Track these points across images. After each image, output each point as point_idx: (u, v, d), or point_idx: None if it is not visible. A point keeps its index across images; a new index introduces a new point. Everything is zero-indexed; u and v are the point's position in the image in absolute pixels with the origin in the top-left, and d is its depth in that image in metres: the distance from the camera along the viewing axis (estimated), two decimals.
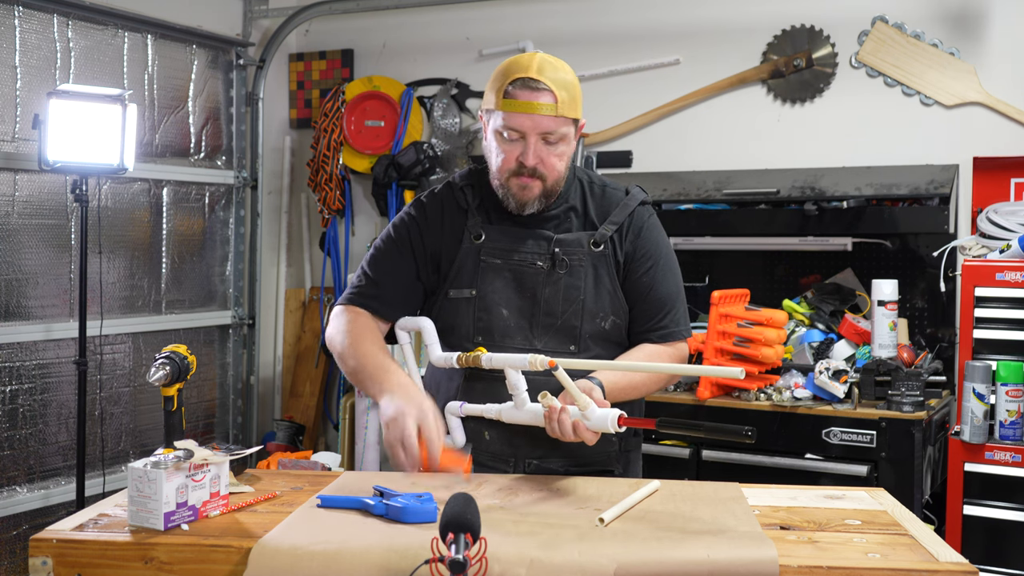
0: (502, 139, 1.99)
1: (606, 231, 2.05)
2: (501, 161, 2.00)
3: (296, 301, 4.94)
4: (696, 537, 1.53)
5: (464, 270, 2.05)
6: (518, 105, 1.94)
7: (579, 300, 2.02)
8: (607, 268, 2.05)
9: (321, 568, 1.47)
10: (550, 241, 2.04)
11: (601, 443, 2.03)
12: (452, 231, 2.08)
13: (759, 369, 3.27)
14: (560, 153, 2.00)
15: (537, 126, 1.95)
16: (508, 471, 2.02)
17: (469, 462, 1.84)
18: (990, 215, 3.35)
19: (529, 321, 2.01)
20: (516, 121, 1.95)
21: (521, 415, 1.88)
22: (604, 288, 2.04)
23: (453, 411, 1.98)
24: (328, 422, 4.83)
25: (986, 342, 3.08)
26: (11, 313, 3.60)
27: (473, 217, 2.07)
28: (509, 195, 2.02)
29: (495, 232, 2.06)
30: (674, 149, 4.13)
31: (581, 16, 4.31)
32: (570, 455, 2.02)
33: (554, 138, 1.97)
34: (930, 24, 3.71)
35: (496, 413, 1.92)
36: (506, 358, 1.86)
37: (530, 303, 2.03)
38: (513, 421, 1.90)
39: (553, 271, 2.03)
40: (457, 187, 2.12)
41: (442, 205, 2.11)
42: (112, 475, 3.85)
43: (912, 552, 1.50)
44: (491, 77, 2.03)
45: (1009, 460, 2.97)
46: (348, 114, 4.57)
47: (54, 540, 1.57)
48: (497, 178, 2.04)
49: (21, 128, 3.61)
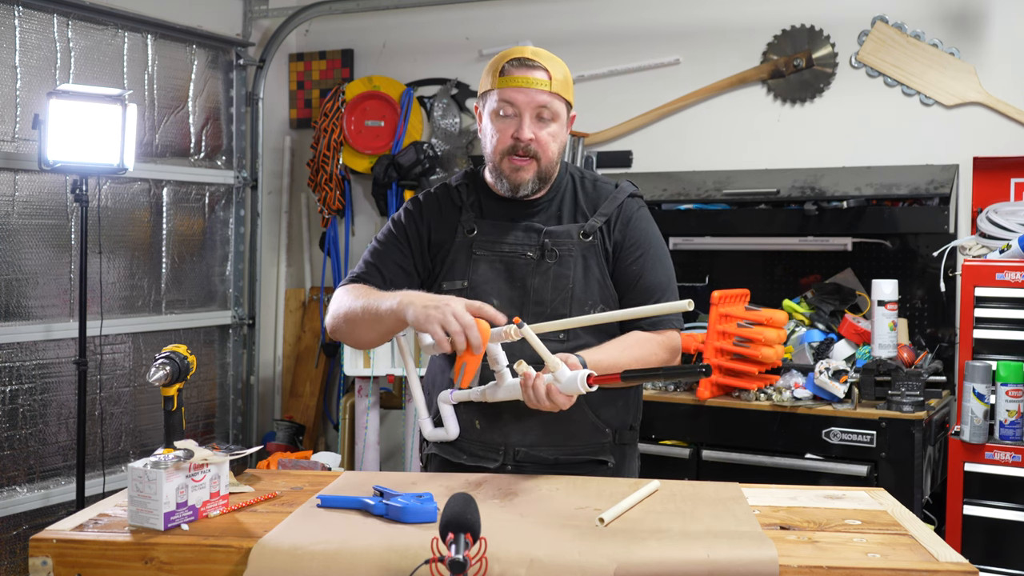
0: (497, 117, 2.05)
1: (595, 222, 2.09)
2: (496, 140, 2.05)
3: (296, 301, 4.94)
4: (696, 537, 1.53)
5: (457, 263, 2.09)
6: (513, 80, 2.02)
7: (568, 289, 2.05)
8: (596, 258, 2.08)
9: (321, 568, 1.47)
10: (540, 232, 2.08)
11: (592, 433, 2.06)
12: (447, 227, 2.13)
13: (759, 369, 3.27)
14: (553, 133, 2.05)
15: (532, 100, 2.01)
16: (499, 459, 2.04)
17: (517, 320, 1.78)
18: (990, 215, 3.35)
19: (519, 310, 2.03)
20: (511, 95, 2.02)
21: (502, 391, 1.88)
22: (593, 277, 2.06)
23: (445, 400, 2.00)
24: (328, 422, 4.83)
25: (986, 342, 3.08)
26: (11, 313, 3.60)
27: (467, 212, 2.12)
28: (503, 177, 2.07)
29: (487, 225, 2.11)
30: (674, 149, 4.13)
31: (581, 16, 4.31)
32: (560, 443, 2.03)
33: (548, 114, 2.03)
34: (930, 24, 3.71)
35: (480, 393, 1.92)
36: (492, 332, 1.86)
37: (520, 292, 2.06)
38: (496, 399, 1.90)
39: (543, 261, 2.06)
40: (453, 187, 2.18)
41: (438, 202, 2.17)
42: (112, 475, 3.85)
43: (912, 552, 1.50)
44: (486, 68, 2.10)
45: (1009, 460, 2.97)
46: (348, 114, 4.57)
47: (54, 540, 1.57)
48: (491, 160, 2.08)
49: (21, 128, 3.61)
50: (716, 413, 3.30)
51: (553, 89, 2.02)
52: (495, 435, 2.04)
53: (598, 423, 2.07)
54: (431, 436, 2.05)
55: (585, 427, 2.06)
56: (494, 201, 2.13)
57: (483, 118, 2.10)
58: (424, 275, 2.14)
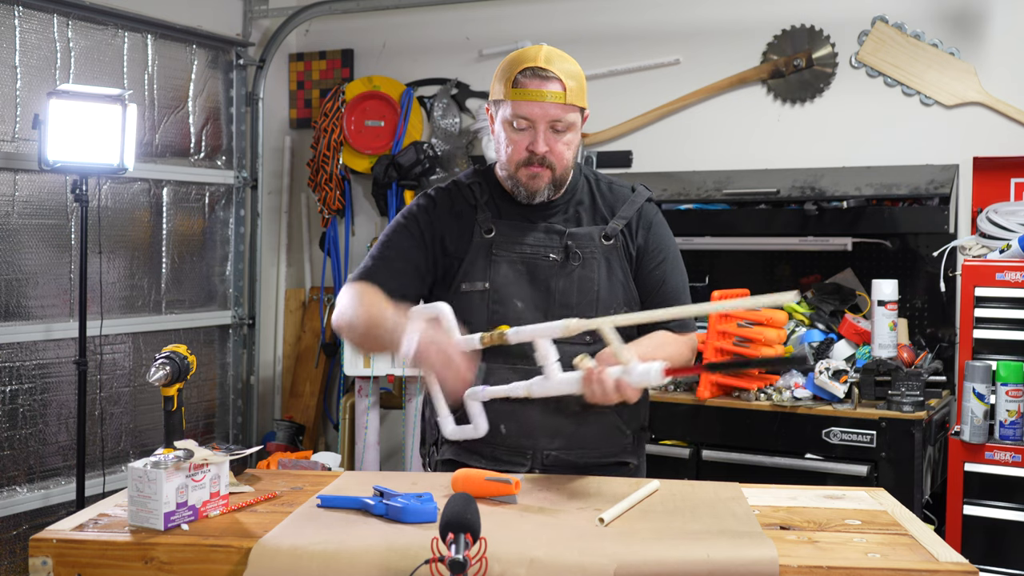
0: (511, 129, 2.01)
1: (616, 225, 2.08)
2: (511, 151, 2.03)
3: (296, 301, 4.94)
4: (696, 537, 1.53)
5: (476, 264, 2.05)
6: (528, 94, 1.98)
7: (594, 292, 2.04)
8: (619, 261, 2.08)
9: (321, 568, 1.47)
10: (562, 235, 2.06)
11: (615, 435, 2.06)
12: (461, 226, 2.08)
13: (759, 369, 3.27)
14: (568, 142, 2.03)
15: (546, 114, 1.98)
16: (527, 464, 2.01)
17: (517, 484, 1.77)
18: (990, 215, 3.35)
19: (544, 313, 2.01)
20: (526, 109, 1.98)
21: (553, 386, 1.83)
22: (617, 280, 2.06)
23: (474, 396, 1.91)
24: (328, 422, 4.83)
25: (986, 342, 3.08)
26: (11, 313, 3.60)
27: (483, 212, 2.08)
28: (519, 185, 2.05)
29: (505, 226, 2.07)
30: (674, 149, 4.12)
31: (581, 16, 4.31)
32: (587, 446, 2.02)
33: (562, 126, 2.01)
34: (930, 24, 3.71)
35: (525, 390, 1.86)
36: (536, 328, 1.84)
37: (544, 295, 2.04)
38: (545, 394, 1.85)
39: (567, 263, 2.05)
40: (464, 184, 2.13)
41: (451, 200, 2.12)
42: (112, 475, 3.85)
43: (912, 552, 1.50)
44: (498, 68, 2.05)
45: (1009, 460, 2.97)
46: (348, 114, 4.57)
47: (54, 540, 1.57)
48: (506, 169, 2.06)
49: (21, 128, 3.61)
50: (716, 413, 3.30)
51: (568, 100, 1.98)
52: (523, 440, 2.01)
53: (620, 425, 2.08)
54: (454, 435, 1.95)
55: (610, 429, 2.06)
56: (508, 201, 2.10)
57: (495, 123, 2.06)
58: (438, 274, 2.09)
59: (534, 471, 2.01)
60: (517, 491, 1.75)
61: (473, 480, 1.76)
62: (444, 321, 1.94)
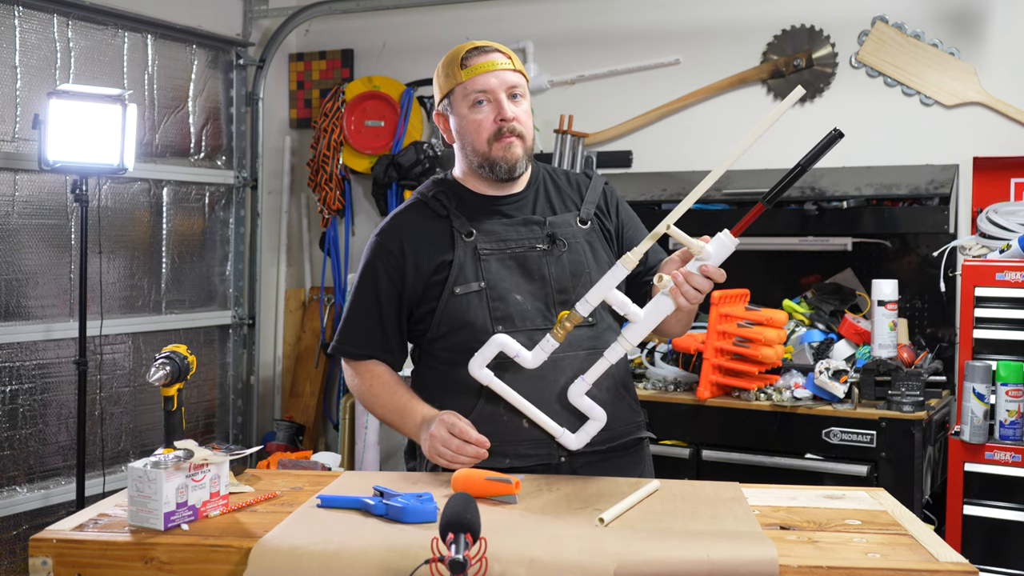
0: (474, 109, 2.05)
1: (589, 209, 2.15)
2: (479, 130, 2.06)
3: (296, 301, 4.94)
4: (696, 537, 1.53)
5: (466, 267, 2.05)
6: (480, 67, 2.04)
7: (586, 273, 2.07)
8: (600, 242, 2.13)
9: (321, 568, 1.47)
10: (542, 224, 2.10)
11: (631, 413, 2.13)
12: (437, 237, 2.08)
13: (759, 369, 3.27)
14: (526, 110, 2.09)
15: (503, 82, 2.05)
16: (554, 452, 2.01)
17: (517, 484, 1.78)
18: (990, 215, 3.34)
19: (544, 302, 2.04)
20: (482, 82, 2.04)
21: (646, 322, 1.86)
22: (602, 260, 2.10)
23: (580, 392, 1.94)
24: (328, 422, 4.83)
25: (986, 342, 3.08)
26: (11, 313, 3.60)
27: (457, 218, 2.09)
28: (495, 163, 2.06)
29: (485, 226, 2.09)
30: (674, 149, 4.12)
31: (581, 16, 4.31)
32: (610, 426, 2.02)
33: (519, 91, 2.07)
34: (930, 24, 3.71)
35: (619, 352, 1.90)
36: (599, 287, 1.88)
37: (540, 284, 2.06)
38: (641, 337, 1.89)
39: (554, 250, 2.08)
40: (429, 197, 2.13)
41: (416, 219, 2.11)
42: (112, 475, 3.85)
43: (912, 552, 1.50)
44: (438, 70, 2.11)
45: (1009, 460, 2.97)
46: (348, 114, 4.57)
47: (54, 540, 1.57)
48: (478, 153, 2.07)
49: (21, 128, 3.61)
50: (716, 413, 3.30)
51: (516, 67, 2.07)
52: (544, 432, 2.00)
53: (632, 403, 2.14)
54: (581, 443, 1.98)
55: (626, 408, 2.12)
56: (476, 202, 2.11)
57: (454, 119, 2.09)
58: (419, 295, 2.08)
59: (560, 458, 2.01)
60: (517, 491, 1.75)
61: (473, 480, 1.77)
62: (507, 350, 1.93)
